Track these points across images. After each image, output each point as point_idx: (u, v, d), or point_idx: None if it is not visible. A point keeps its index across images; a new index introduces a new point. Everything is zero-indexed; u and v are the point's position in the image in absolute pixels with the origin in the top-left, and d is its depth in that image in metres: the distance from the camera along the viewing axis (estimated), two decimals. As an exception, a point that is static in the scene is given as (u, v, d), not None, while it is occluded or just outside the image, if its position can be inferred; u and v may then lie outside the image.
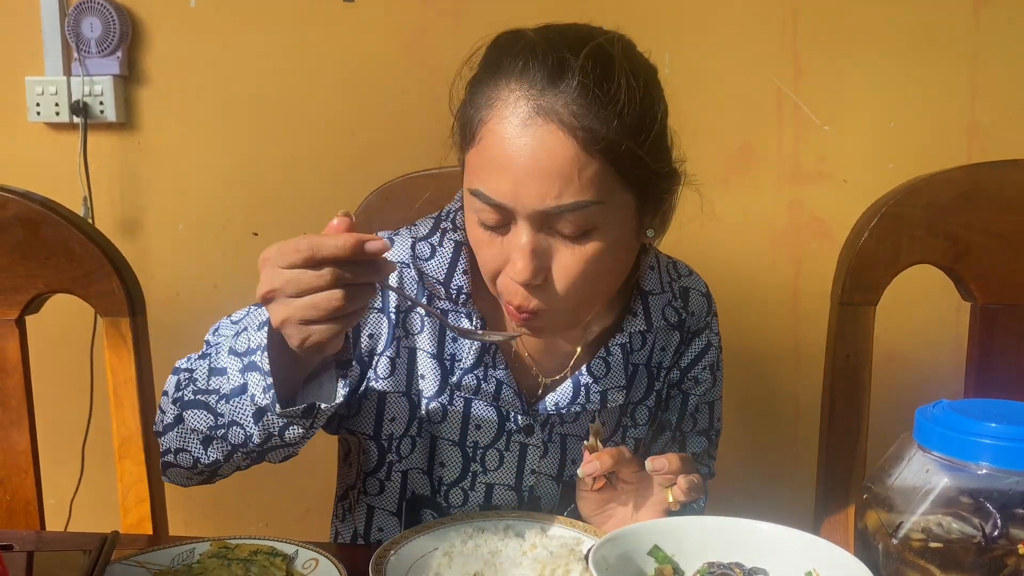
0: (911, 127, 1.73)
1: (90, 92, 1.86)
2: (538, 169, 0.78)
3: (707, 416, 1.09)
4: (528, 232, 0.81)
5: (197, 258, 1.94)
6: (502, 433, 0.98)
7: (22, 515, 1.19)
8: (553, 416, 0.98)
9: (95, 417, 1.89)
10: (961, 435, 0.69)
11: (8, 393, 1.18)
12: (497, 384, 0.95)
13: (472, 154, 0.83)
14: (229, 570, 0.82)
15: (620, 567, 0.76)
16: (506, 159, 0.79)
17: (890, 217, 1.12)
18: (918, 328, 1.75)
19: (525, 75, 0.80)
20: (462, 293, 0.94)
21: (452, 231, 0.96)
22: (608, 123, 0.79)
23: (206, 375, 0.84)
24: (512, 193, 0.79)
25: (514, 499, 1.00)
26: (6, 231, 1.15)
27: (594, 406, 0.97)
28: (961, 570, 0.66)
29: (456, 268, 0.94)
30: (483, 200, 0.82)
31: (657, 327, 0.99)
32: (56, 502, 1.92)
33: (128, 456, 1.18)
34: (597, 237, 0.82)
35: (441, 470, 0.99)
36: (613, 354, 0.97)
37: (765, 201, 1.78)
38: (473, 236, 0.88)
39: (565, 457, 1.00)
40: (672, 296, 1.00)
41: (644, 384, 1.01)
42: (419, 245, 0.96)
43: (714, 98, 1.77)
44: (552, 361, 0.99)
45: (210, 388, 0.83)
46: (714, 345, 1.06)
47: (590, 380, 0.96)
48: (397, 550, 0.86)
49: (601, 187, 0.80)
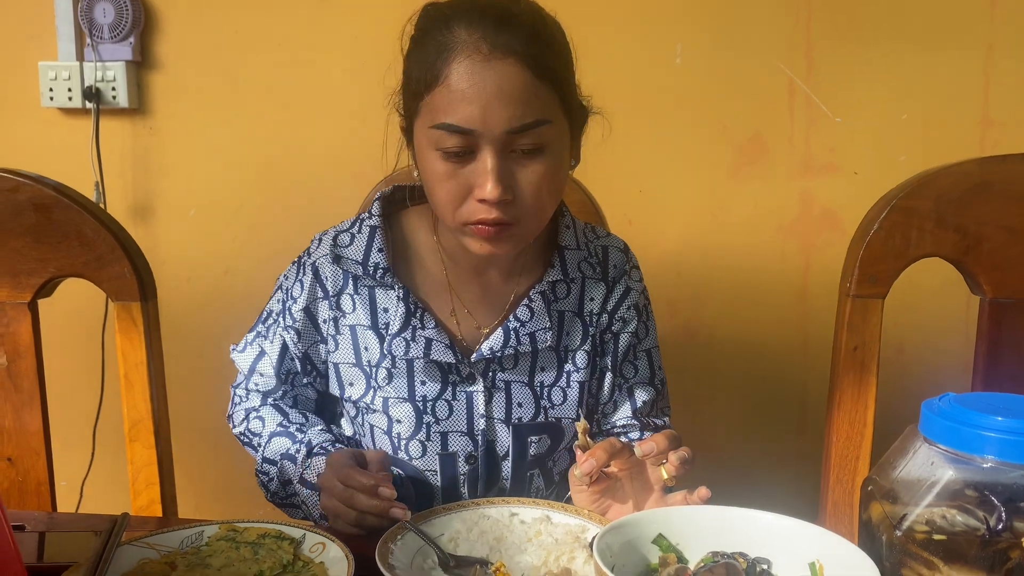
0: (924, 119, 1.71)
1: (102, 78, 1.86)
2: (502, 96, 0.92)
3: (646, 364, 1.17)
4: (493, 156, 0.94)
5: (208, 243, 1.95)
6: (447, 385, 1.07)
7: (34, 496, 1.21)
8: (493, 364, 1.08)
9: (106, 400, 1.91)
10: (967, 428, 0.69)
11: (21, 375, 1.19)
12: (427, 342, 1.06)
13: (435, 95, 0.95)
14: (237, 552, 0.83)
15: (624, 555, 0.76)
16: (474, 91, 0.92)
17: (900, 210, 1.11)
18: (927, 321, 1.75)
19: (477, 22, 0.93)
20: (379, 268, 1.07)
21: (368, 219, 1.10)
22: (550, 55, 0.95)
23: (260, 458, 1.12)
24: (481, 119, 0.92)
25: (469, 444, 1.08)
26: (19, 215, 1.16)
27: (525, 347, 1.07)
28: (964, 562, 0.67)
29: (372, 248, 1.08)
30: (451, 130, 0.93)
31: (575, 277, 1.12)
32: (68, 484, 1.94)
33: (138, 439, 1.19)
34: (548, 154, 0.97)
35: (399, 426, 1.08)
36: (535, 300, 1.09)
37: (775, 192, 1.78)
38: (433, 173, 0.98)
39: (511, 402, 1.09)
40: (588, 253, 1.13)
41: (579, 331, 1.12)
42: (340, 236, 1.10)
43: (725, 89, 1.76)
44: (486, 312, 1.10)
45: (271, 461, 1.11)
46: (635, 290, 1.16)
47: (517, 324, 1.07)
48: (403, 536, 0.87)
49: (550, 109, 0.96)
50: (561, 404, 1.10)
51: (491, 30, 0.92)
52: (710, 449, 1.84)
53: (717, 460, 1.83)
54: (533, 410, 1.09)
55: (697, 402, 1.84)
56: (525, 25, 0.94)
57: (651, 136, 1.80)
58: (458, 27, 0.94)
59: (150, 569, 0.80)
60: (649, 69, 1.78)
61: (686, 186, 1.81)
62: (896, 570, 0.69)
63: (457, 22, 0.94)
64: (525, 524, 0.91)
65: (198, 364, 1.84)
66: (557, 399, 1.10)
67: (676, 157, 1.80)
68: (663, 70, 1.78)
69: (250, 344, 1.15)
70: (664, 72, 1.78)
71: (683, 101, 1.78)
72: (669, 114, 1.79)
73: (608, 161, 1.80)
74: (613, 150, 1.80)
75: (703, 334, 1.83)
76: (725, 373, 1.84)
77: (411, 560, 0.84)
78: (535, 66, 0.93)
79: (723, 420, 1.85)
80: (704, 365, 1.84)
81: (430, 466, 1.08)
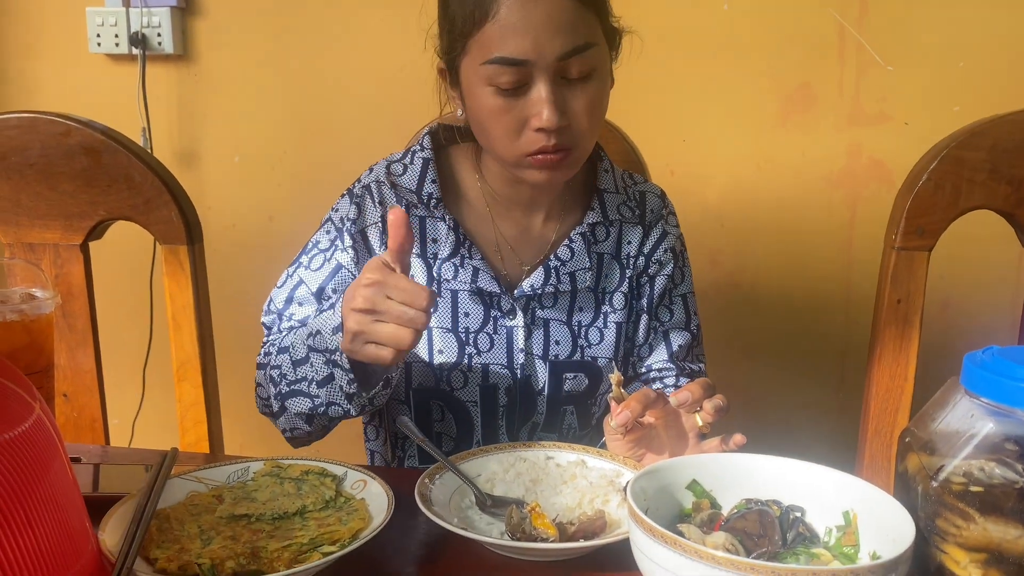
0: (981, 68, 1.66)
1: (148, 23, 1.88)
2: (551, 24, 0.94)
3: (682, 309, 1.19)
4: (546, 85, 0.96)
5: (252, 190, 1.97)
6: (488, 318, 1.10)
7: (89, 431, 1.26)
8: (533, 301, 1.10)
9: (155, 341, 1.96)
10: (1009, 381, 0.68)
11: (74, 315, 1.23)
12: (474, 271, 1.08)
13: (485, 32, 0.96)
14: (281, 488, 0.86)
15: (658, 499, 0.77)
16: (524, 23, 0.94)
17: (951, 160, 1.09)
18: (974, 275, 1.71)
19: None
20: (432, 198, 1.08)
21: (420, 151, 1.12)
22: None
23: (291, 367, 0.99)
24: (534, 49, 0.94)
25: (508, 377, 1.10)
26: (71, 158, 1.19)
27: (565, 286, 1.10)
28: (1001, 514, 0.66)
29: (426, 179, 1.09)
30: (505, 63, 0.95)
31: (614, 219, 1.14)
32: (120, 422, 2.01)
33: (186, 379, 1.23)
34: (596, 77, 0.99)
35: (440, 356, 1.09)
36: (575, 241, 1.11)
37: (823, 142, 1.74)
38: (486, 108, 0.99)
39: (549, 339, 1.11)
40: (627, 197, 1.15)
41: (616, 274, 1.14)
42: (393, 166, 1.12)
43: (774, 36, 1.72)
44: (528, 251, 1.12)
45: (299, 377, 0.98)
46: (671, 234, 1.17)
47: (558, 263, 1.10)
48: (441, 475, 0.89)
49: (595, 32, 0.98)
50: (598, 344, 1.12)
51: None
52: (750, 400, 1.84)
53: (757, 411, 1.83)
54: (570, 348, 1.11)
55: (738, 352, 1.84)
56: None
57: (696, 85, 1.77)
58: None
59: (198, 501, 0.83)
60: (695, 15, 1.74)
61: (731, 136, 1.78)
62: (931, 521, 0.69)
63: None
64: (561, 467, 0.92)
65: (244, 308, 1.88)
66: (594, 339, 1.12)
67: (721, 106, 1.77)
68: (710, 16, 1.74)
69: (290, 276, 1.13)
70: (711, 18, 1.74)
71: (729, 49, 1.74)
72: (715, 62, 1.75)
73: (651, 110, 1.79)
74: (656, 99, 1.78)
75: (745, 285, 1.82)
76: (767, 324, 1.83)
77: (449, 499, 0.86)
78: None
79: (764, 371, 1.84)
80: (746, 316, 1.83)
81: (471, 397, 1.10)
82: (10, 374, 0.65)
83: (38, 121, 1.19)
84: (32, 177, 1.19)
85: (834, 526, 0.77)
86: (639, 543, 0.69)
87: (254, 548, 0.74)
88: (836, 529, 0.77)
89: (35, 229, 1.21)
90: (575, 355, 1.11)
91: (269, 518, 0.81)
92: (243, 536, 0.77)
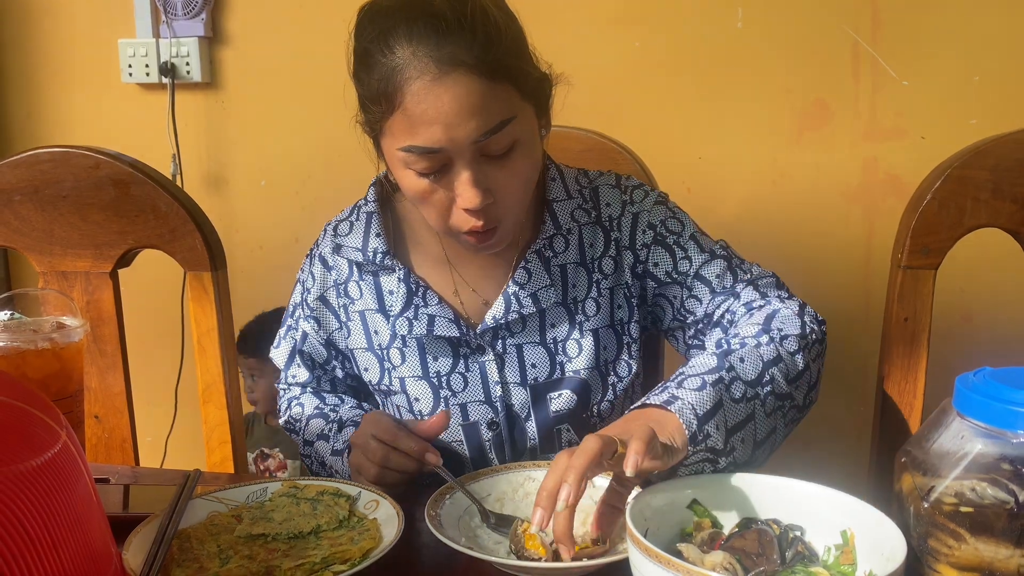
0: (997, 81, 1.66)
1: (177, 53, 1.94)
2: (461, 111, 0.90)
3: (696, 249, 1.10)
4: (466, 167, 0.93)
5: (278, 212, 2.03)
6: (459, 358, 1.09)
7: (119, 451, 1.30)
8: (502, 331, 1.08)
9: (186, 363, 2.02)
10: (999, 403, 0.69)
11: (104, 340, 1.28)
12: (429, 319, 1.07)
13: (395, 120, 0.93)
14: (297, 508, 0.89)
15: (658, 519, 0.79)
16: (432, 112, 0.90)
17: (954, 180, 1.09)
18: (993, 290, 1.71)
19: (417, 37, 0.89)
20: (378, 252, 1.08)
21: (364, 206, 1.11)
22: (499, 51, 0.91)
23: (301, 441, 1.15)
24: (445, 138, 0.91)
25: (489, 411, 1.09)
26: (100, 190, 1.24)
27: (528, 308, 1.07)
28: (991, 535, 0.67)
29: (369, 234, 1.09)
30: (419, 152, 0.92)
31: (571, 227, 1.09)
32: (153, 439, 2.07)
33: (211, 401, 1.27)
34: (519, 149, 0.95)
35: (418, 404, 1.10)
36: (531, 261, 1.08)
37: (839, 157, 1.75)
38: (414, 191, 0.97)
39: (524, 364, 1.09)
40: (582, 200, 1.10)
41: (584, 281, 1.10)
42: (339, 226, 1.13)
43: (788, 52, 1.73)
44: (490, 285, 1.10)
45: (309, 443, 1.14)
46: (644, 210, 1.11)
47: (516, 288, 1.07)
48: (451, 495, 0.91)
49: (511, 104, 0.93)
50: (577, 356, 1.09)
51: (432, 44, 0.89)
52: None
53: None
54: (548, 368, 1.09)
55: (755, 369, 1.84)
56: (465, 28, 0.89)
57: (711, 102, 1.79)
58: (398, 45, 0.90)
59: (218, 521, 0.87)
60: (709, 33, 1.76)
61: (746, 153, 1.79)
62: (923, 540, 0.70)
63: (396, 39, 0.90)
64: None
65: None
66: (573, 352, 1.09)
67: (736, 123, 1.79)
68: (724, 34, 1.76)
69: (283, 339, 1.19)
70: (725, 36, 1.76)
71: (744, 66, 1.76)
72: (729, 79, 1.77)
73: (666, 128, 1.81)
74: (672, 116, 1.80)
75: (762, 301, 1.82)
76: (784, 340, 1.83)
77: (458, 519, 0.89)
78: (487, 71, 0.89)
79: (782, 387, 1.84)
80: (763, 332, 1.83)
81: (455, 437, 1.10)
82: (38, 403, 0.69)
83: (70, 155, 1.24)
84: (65, 208, 1.25)
85: (832, 545, 0.78)
86: (637, 563, 0.71)
87: (269, 567, 0.78)
88: (835, 548, 0.78)
89: (67, 258, 1.26)
90: (555, 374, 1.09)
91: (285, 537, 0.84)
92: (259, 555, 0.81)
